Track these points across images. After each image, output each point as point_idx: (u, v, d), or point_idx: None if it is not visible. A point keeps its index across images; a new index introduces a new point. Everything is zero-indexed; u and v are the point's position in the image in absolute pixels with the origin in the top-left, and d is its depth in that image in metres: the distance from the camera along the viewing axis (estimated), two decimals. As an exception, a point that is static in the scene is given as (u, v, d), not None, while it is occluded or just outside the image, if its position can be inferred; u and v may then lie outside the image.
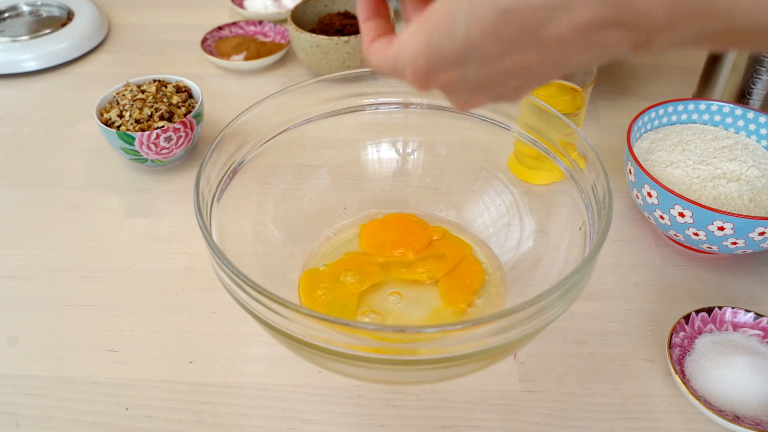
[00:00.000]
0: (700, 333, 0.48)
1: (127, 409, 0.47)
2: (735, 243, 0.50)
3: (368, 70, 0.54)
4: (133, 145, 0.63)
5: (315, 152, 0.57)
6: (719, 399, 0.44)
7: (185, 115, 0.66)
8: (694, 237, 0.52)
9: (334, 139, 0.57)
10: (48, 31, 0.88)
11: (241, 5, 0.97)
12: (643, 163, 0.57)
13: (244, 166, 0.51)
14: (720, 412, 0.43)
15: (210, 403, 0.47)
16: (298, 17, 0.81)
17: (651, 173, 0.55)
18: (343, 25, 0.81)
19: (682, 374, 0.45)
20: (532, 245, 0.52)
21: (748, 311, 0.49)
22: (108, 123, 0.65)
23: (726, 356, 0.46)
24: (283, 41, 0.89)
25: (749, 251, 0.52)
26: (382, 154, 0.59)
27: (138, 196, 0.65)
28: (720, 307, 0.49)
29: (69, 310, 0.54)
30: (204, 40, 0.87)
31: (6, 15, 0.93)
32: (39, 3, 0.95)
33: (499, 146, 0.55)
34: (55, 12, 0.94)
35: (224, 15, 0.99)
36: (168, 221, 0.62)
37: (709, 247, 0.53)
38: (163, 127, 0.63)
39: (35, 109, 0.79)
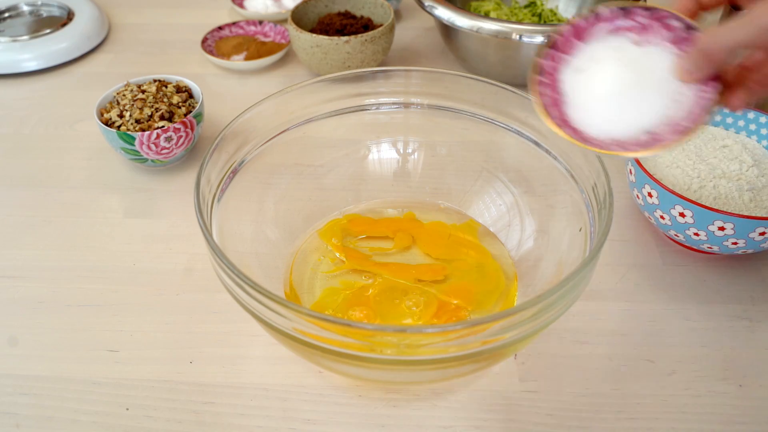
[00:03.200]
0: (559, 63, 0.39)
1: (127, 409, 0.47)
2: (735, 243, 0.51)
3: (368, 70, 0.54)
4: (134, 145, 0.63)
5: (315, 152, 0.57)
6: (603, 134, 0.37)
7: (185, 115, 0.66)
8: (695, 237, 0.52)
9: (334, 139, 0.57)
10: (48, 31, 0.88)
11: (241, 5, 0.97)
12: (643, 163, 0.57)
13: (245, 166, 0.51)
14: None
15: (210, 403, 0.47)
16: (298, 17, 0.81)
17: (651, 173, 0.55)
18: (344, 25, 0.81)
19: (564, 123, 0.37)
20: (533, 245, 0.52)
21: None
22: (108, 123, 0.65)
23: (595, 81, 0.38)
24: (283, 41, 0.89)
25: (749, 251, 0.52)
26: (382, 154, 0.59)
27: (138, 196, 0.65)
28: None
29: (69, 310, 0.54)
30: (204, 40, 0.87)
31: (6, 15, 0.93)
32: (39, 3, 0.95)
33: (499, 146, 0.55)
34: (55, 12, 0.94)
35: (224, 15, 0.99)
36: (168, 221, 0.62)
37: (710, 247, 0.53)
38: (163, 127, 0.63)
39: (35, 109, 0.79)
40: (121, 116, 0.65)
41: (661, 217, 0.53)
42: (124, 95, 0.67)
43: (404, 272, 0.52)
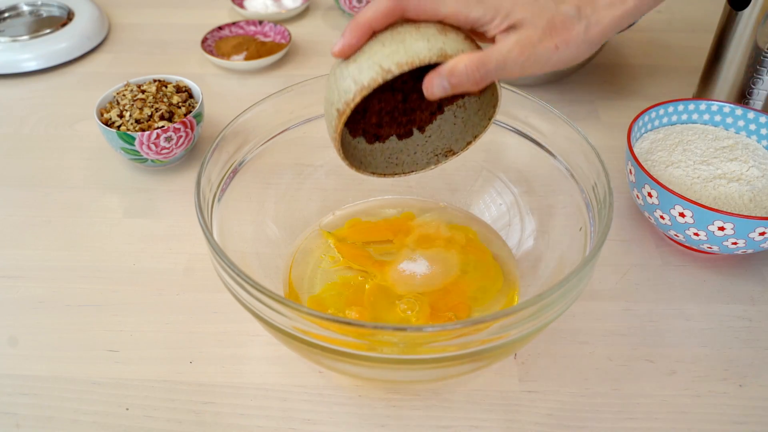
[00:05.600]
0: None
1: (127, 409, 0.47)
2: (735, 243, 0.51)
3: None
4: (134, 145, 0.63)
5: (315, 152, 0.57)
6: None
7: (185, 115, 0.66)
8: (695, 237, 0.52)
9: (334, 138, 0.57)
10: (48, 31, 0.88)
11: (241, 5, 0.97)
12: (643, 163, 0.57)
13: (245, 165, 0.51)
14: None
15: (210, 403, 0.47)
16: None
17: (651, 173, 0.55)
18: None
19: None
20: (533, 245, 0.52)
21: None
22: (108, 123, 0.65)
23: None
24: (283, 41, 0.89)
25: (749, 251, 0.52)
26: (382, 154, 0.59)
27: (138, 196, 0.65)
28: None
29: (69, 310, 0.54)
30: (204, 40, 0.87)
31: (6, 15, 0.93)
32: (39, 3, 0.95)
33: (499, 146, 0.55)
34: (55, 12, 0.94)
35: (224, 15, 0.99)
36: (168, 221, 0.62)
37: (710, 247, 0.53)
38: (163, 127, 0.63)
39: (35, 109, 0.79)
40: (121, 116, 0.65)
41: (661, 217, 0.53)
42: (124, 95, 0.67)
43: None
